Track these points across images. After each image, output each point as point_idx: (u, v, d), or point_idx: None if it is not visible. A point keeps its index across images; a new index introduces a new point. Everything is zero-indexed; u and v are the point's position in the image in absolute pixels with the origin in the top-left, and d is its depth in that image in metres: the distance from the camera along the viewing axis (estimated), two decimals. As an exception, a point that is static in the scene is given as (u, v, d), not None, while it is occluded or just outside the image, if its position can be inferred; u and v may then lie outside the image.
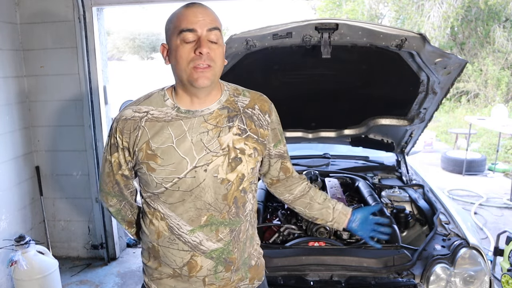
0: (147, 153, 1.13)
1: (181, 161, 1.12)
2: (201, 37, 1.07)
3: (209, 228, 1.16)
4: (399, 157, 2.85)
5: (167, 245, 1.19)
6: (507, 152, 7.06)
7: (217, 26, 1.10)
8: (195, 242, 1.16)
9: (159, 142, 1.13)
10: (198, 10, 1.09)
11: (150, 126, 1.14)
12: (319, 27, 1.72)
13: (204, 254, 1.17)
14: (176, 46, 1.09)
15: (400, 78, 2.15)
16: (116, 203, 1.33)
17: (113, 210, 1.35)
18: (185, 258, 1.18)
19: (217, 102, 1.18)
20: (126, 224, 1.40)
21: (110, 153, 1.21)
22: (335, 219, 1.46)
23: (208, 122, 1.15)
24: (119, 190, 1.28)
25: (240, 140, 1.17)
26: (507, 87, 10.47)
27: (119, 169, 1.22)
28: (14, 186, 3.08)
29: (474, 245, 1.77)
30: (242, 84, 1.32)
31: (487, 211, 4.57)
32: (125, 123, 1.16)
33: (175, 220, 1.16)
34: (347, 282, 1.64)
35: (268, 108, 1.28)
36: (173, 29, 1.10)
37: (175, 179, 1.13)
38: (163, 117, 1.15)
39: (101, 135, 3.25)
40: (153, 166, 1.13)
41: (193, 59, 1.08)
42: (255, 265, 1.32)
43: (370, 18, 11.68)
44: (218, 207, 1.16)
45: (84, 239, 3.46)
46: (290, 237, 2.05)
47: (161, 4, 3.20)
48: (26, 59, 3.15)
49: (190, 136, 1.13)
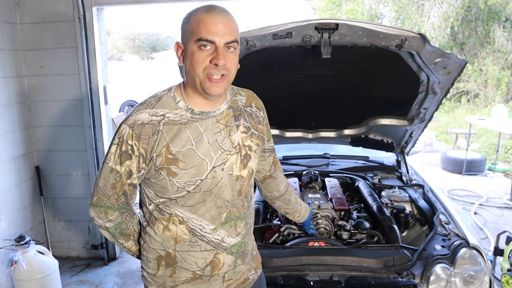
0: (168, 158, 1.10)
1: (202, 162, 1.13)
2: (219, 48, 1.07)
3: (229, 224, 1.21)
4: (399, 157, 2.85)
5: (187, 249, 1.18)
6: (507, 152, 7.06)
7: (236, 38, 1.10)
8: (217, 240, 1.20)
9: (179, 145, 1.11)
10: (219, 19, 1.07)
11: (168, 129, 1.11)
12: (319, 27, 1.73)
13: (226, 251, 1.22)
14: (192, 51, 1.08)
15: (400, 78, 2.15)
16: (118, 217, 1.22)
17: (111, 225, 1.24)
18: (208, 258, 1.20)
19: (225, 102, 1.21)
20: (124, 238, 1.28)
21: (120, 162, 1.13)
22: (301, 214, 1.69)
23: (220, 122, 1.18)
24: (125, 201, 1.20)
25: (247, 138, 1.22)
26: (507, 87, 10.47)
27: (129, 178, 1.15)
28: (14, 186, 3.08)
29: (474, 245, 1.77)
30: (242, 84, 1.33)
31: (487, 211, 4.57)
32: (142, 128, 1.10)
33: (197, 222, 1.17)
34: (347, 282, 1.64)
35: (261, 105, 1.35)
36: (191, 33, 1.08)
37: (197, 181, 1.14)
38: (179, 119, 1.13)
39: (101, 135, 3.25)
40: (175, 170, 1.11)
41: (208, 67, 1.08)
42: (256, 255, 1.41)
43: (370, 18, 11.68)
44: (235, 203, 1.21)
45: (84, 239, 3.46)
46: (290, 237, 2.04)
47: (161, 4, 3.20)
48: (26, 59, 3.15)
49: (206, 137, 1.15)
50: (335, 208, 2.18)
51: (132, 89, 10.65)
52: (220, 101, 1.19)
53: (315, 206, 2.11)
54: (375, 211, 2.17)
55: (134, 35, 20.19)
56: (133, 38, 20.22)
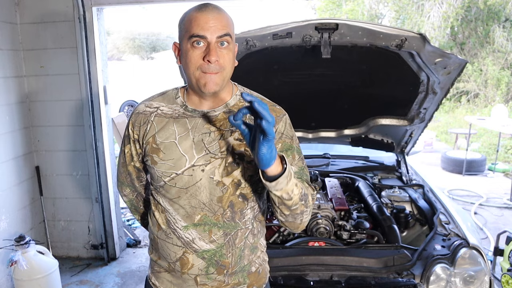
0: (152, 147, 1.18)
1: (181, 157, 1.15)
2: (211, 44, 1.07)
3: (202, 228, 1.17)
4: (399, 157, 2.85)
5: (164, 238, 1.22)
6: (507, 152, 7.06)
7: (228, 32, 1.09)
8: (188, 239, 1.18)
9: (163, 137, 1.17)
10: (210, 15, 1.08)
11: (158, 121, 1.19)
12: (319, 27, 1.73)
13: (196, 253, 1.18)
14: (186, 49, 1.10)
15: (400, 78, 2.15)
16: (129, 193, 1.40)
17: (126, 200, 1.42)
18: (178, 253, 1.20)
19: (223, 106, 1.18)
20: (139, 215, 1.46)
21: (124, 144, 1.29)
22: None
23: (212, 124, 1.16)
24: (131, 180, 1.35)
25: (240, 146, 1.15)
26: (507, 87, 10.48)
27: (131, 160, 1.29)
28: (14, 186, 3.08)
29: (474, 245, 1.78)
30: (242, 84, 1.30)
31: (487, 211, 4.57)
32: (137, 117, 1.22)
33: (172, 214, 1.19)
34: (347, 282, 1.64)
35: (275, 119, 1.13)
36: (184, 31, 1.10)
37: (172, 175, 1.15)
38: (171, 113, 1.19)
39: (101, 135, 3.25)
40: (156, 159, 1.17)
41: (201, 65, 1.08)
42: (256, 272, 1.28)
43: (370, 18, 11.68)
44: (212, 208, 1.16)
45: (84, 239, 3.46)
46: (290, 237, 2.05)
47: (161, 4, 3.20)
48: (26, 59, 3.15)
49: (192, 135, 1.15)
50: (335, 208, 2.18)
51: (132, 89, 10.65)
52: (217, 102, 1.18)
53: (315, 206, 2.11)
54: (375, 211, 2.17)
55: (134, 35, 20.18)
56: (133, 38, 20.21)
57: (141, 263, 3.39)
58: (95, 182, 3.28)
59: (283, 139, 1.20)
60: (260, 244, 1.29)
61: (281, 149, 1.20)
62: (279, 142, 1.20)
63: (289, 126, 1.23)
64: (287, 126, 1.22)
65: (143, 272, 3.24)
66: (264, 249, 1.33)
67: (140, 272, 3.25)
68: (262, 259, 1.31)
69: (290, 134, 1.23)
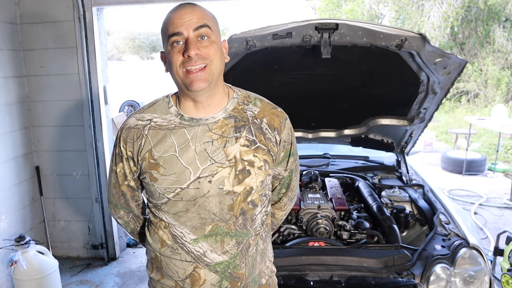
0: (150, 163, 1.10)
1: (184, 171, 1.07)
2: (189, 38, 1.03)
3: (213, 239, 1.11)
4: (399, 157, 2.85)
5: (169, 255, 1.14)
6: (507, 152, 7.06)
7: (205, 23, 1.05)
8: (198, 252, 1.11)
9: (162, 151, 1.09)
10: (183, 11, 1.05)
11: (153, 134, 1.11)
12: (319, 27, 1.73)
13: (208, 267, 1.11)
14: (168, 52, 1.06)
15: (400, 78, 2.15)
16: (124, 215, 1.29)
17: (121, 222, 1.32)
18: (188, 269, 1.12)
19: (222, 111, 1.12)
20: (137, 236, 1.36)
21: (115, 163, 1.19)
22: None
23: (213, 131, 1.09)
24: (125, 202, 1.25)
25: (248, 152, 1.10)
26: (507, 87, 10.48)
27: (125, 179, 1.20)
28: (14, 186, 3.08)
29: (474, 245, 1.78)
30: (242, 84, 1.28)
31: (487, 211, 4.57)
32: (128, 132, 1.13)
33: (178, 228, 1.12)
34: (347, 282, 1.64)
35: (279, 125, 1.17)
36: (163, 35, 1.08)
37: (177, 189, 1.08)
38: (166, 125, 1.11)
39: (101, 135, 3.25)
40: (156, 175, 1.09)
41: (183, 62, 1.04)
42: (266, 284, 1.25)
43: (370, 18, 11.68)
44: (223, 217, 1.11)
45: (84, 239, 3.46)
46: (290, 237, 2.05)
47: (161, 4, 3.19)
48: (26, 59, 3.15)
49: (194, 145, 1.08)
50: (335, 208, 2.18)
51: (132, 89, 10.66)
52: (214, 106, 1.12)
53: (315, 206, 2.11)
54: (375, 211, 2.17)
55: (134, 35, 20.17)
56: (133, 38, 20.21)
57: (141, 263, 3.39)
58: (95, 182, 3.28)
59: (286, 147, 1.21)
60: (268, 250, 1.28)
61: (282, 158, 1.21)
62: (282, 151, 1.20)
63: (291, 131, 1.23)
64: (290, 131, 1.22)
65: (143, 272, 3.24)
66: (272, 258, 1.32)
67: (140, 272, 3.25)
68: (271, 270, 1.30)
69: (291, 139, 1.23)
